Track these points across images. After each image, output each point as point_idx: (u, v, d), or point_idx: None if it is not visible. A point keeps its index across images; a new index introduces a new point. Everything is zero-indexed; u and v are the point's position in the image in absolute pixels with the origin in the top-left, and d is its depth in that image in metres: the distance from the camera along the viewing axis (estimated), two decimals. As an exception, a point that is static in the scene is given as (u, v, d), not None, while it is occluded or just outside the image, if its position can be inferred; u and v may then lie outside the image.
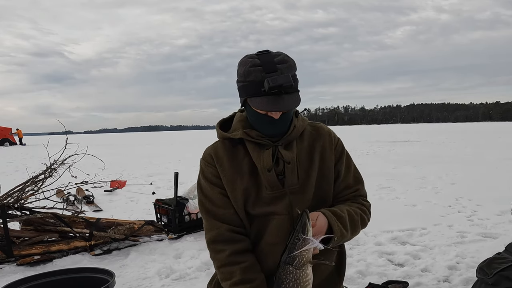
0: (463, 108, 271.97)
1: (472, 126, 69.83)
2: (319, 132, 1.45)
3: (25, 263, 3.49)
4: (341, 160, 1.44)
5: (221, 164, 1.38)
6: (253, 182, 1.36)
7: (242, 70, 1.26)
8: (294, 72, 1.28)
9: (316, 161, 1.39)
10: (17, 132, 34.55)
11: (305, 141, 1.42)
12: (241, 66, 1.28)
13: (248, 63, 1.25)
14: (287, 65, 1.25)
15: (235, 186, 1.36)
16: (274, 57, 1.25)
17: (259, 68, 1.23)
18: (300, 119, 1.42)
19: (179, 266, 3.38)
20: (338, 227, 1.28)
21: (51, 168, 3.98)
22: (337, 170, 1.44)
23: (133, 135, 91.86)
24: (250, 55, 1.29)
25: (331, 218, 1.28)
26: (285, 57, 1.27)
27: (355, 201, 1.44)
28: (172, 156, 16.32)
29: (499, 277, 1.66)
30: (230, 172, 1.37)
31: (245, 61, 1.28)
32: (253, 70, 1.23)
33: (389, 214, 5.04)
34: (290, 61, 1.26)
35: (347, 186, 1.44)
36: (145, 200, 6.54)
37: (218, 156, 1.39)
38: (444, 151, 15.02)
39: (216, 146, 1.43)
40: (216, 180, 1.39)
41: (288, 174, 1.34)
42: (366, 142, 23.38)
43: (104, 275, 2.16)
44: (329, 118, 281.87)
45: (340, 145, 1.46)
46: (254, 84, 1.24)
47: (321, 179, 1.39)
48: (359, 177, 1.49)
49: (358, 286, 2.93)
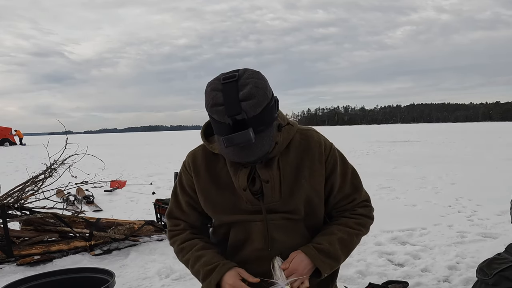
0: (463, 108, 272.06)
1: (472, 126, 69.81)
2: (308, 142, 1.33)
3: (25, 263, 3.49)
4: (334, 172, 1.35)
5: (197, 174, 1.35)
6: (230, 194, 1.32)
7: (206, 106, 1.15)
8: (264, 106, 1.12)
9: (304, 175, 1.31)
10: (17, 133, 34.58)
11: (291, 153, 1.31)
12: (206, 99, 1.15)
13: (211, 99, 1.12)
14: (253, 102, 1.08)
15: (209, 197, 1.34)
16: (239, 89, 1.09)
17: (221, 109, 1.09)
18: (285, 131, 1.28)
19: (179, 266, 3.38)
20: (322, 262, 1.25)
21: (51, 168, 3.98)
22: (331, 183, 1.35)
23: (133, 135, 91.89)
24: (214, 86, 1.13)
25: (313, 257, 1.24)
26: (251, 90, 1.09)
27: (353, 212, 1.39)
28: (172, 156, 16.32)
29: (499, 277, 1.66)
30: (205, 182, 1.34)
31: (209, 94, 1.14)
32: (215, 110, 1.11)
33: (389, 214, 5.04)
34: (257, 95, 1.09)
35: (344, 196, 1.38)
36: (145, 200, 6.54)
37: (196, 165, 1.36)
38: (444, 151, 15.02)
39: (196, 153, 1.38)
40: (188, 189, 1.39)
41: (267, 192, 1.28)
42: (366, 142, 23.39)
43: (104, 275, 2.16)
44: (329, 118, 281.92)
45: (332, 157, 1.34)
46: (217, 125, 1.14)
47: (311, 193, 1.32)
48: (357, 183, 1.40)
49: (358, 286, 2.93)
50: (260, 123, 1.12)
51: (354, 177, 1.40)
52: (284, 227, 1.32)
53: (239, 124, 1.09)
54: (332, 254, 1.27)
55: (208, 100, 1.13)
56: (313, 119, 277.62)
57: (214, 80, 1.16)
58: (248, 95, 1.09)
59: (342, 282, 2.98)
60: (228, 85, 1.11)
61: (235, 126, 1.10)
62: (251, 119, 1.09)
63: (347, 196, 1.38)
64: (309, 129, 1.38)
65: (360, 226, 1.36)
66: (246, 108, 1.08)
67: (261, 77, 1.14)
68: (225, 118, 1.10)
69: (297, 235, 1.34)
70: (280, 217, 1.31)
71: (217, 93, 1.11)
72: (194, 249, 1.35)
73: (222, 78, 1.13)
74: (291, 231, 1.33)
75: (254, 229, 1.32)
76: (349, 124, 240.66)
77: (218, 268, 1.26)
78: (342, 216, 1.38)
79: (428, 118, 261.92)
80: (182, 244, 1.38)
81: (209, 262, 1.29)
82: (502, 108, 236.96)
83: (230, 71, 1.17)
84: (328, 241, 1.29)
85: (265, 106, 1.12)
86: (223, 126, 1.12)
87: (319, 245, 1.28)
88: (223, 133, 1.12)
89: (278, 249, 1.31)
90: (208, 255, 1.31)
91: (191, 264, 1.34)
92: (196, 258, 1.32)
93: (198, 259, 1.32)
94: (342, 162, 1.38)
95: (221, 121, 1.11)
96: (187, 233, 1.41)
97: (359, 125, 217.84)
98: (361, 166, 10.47)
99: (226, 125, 1.11)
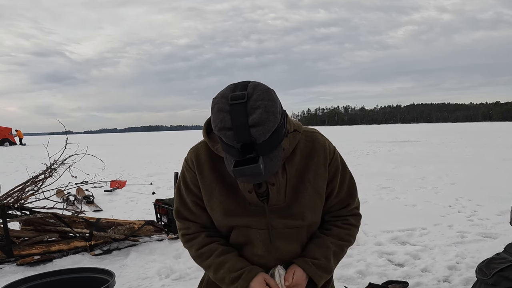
0: (463, 108, 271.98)
1: (472, 126, 69.82)
2: (313, 145, 1.33)
3: (25, 263, 3.49)
4: (335, 177, 1.36)
5: (201, 171, 1.33)
6: (233, 194, 1.31)
7: (213, 126, 1.11)
8: (274, 129, 1.09)
9: (308, 178, 1.32)
10: (17, 134, 34.58)
11: (297, 156, 1.31)
12: (213, 119, 1.11)
13: (218, 121, 1.08)
14: (262, 128, 1.05)
15: (213, 196, 1.32)
16: (249, 113, 1.05)
17: (229, 134, 1.07)
18: (291, 137, 1.28)
19: (179, 266, 3.38)
20: (320, 277, 1.30)
21: (51, 168, 3.98)
22: (331, 187, 1.36)
23: (133, 135, 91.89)
24: (221, 106, 1.08)
25: (312, 273, 1.29)
26: (262, 115, 1.05)
27: (344, 222, 1.41)
28: (172, 156, 16.32)
29: (498, 277, 1.66)
30: (209, 181, 1.32)
31: (216, 115, 1.09)
32: (223, 134, 1.08)
33: (389, 214, 5.05)
34: (268, 121, 1.06)
35: (339, 201, 1.40)
36: (145, 200, 6.55)
37: (199, 163, 1.33)
38: (444, 151, 15.02)
39: (199, 149, 1.35)
40: (193, 187, 1.36)
41: (273, 194, 1.28)
42: (366, 142, 23.39)
43: (104, 275, 2.16)
44: (329, 118, 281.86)
45: (335, 161, 1.35)
46: (225, 146, 1.11)
47: (314, 196, 1.33)
48: (353, 189, 1.42)
49: (358, 286, 2.93)
50: (269, 147, 1.10)
51: (351, 183, 1.42)
52: (286, 235, 1.33)
53: (248, 147, 1.07)
54: (328, 268, 1.33)
55: (216, 121, 1.09)
56: (313, 119, 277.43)
57: (221, 98, 1.10)
58: (258, 121, 1.05)
59: (342, 282, 2.99)
60: (236, 107, 1.06)
61: (243, 148, 1.08)
62: (260, 144, 1.07)
63: (342, 201, 1.41)
64: (314, 131, 1.38)
65: (350, 237, 1.41)
66: (255, 134, 1.05)
67: (271, 98, 1.10)
68: (233, 142, 1.07)
69: (297, 243, 1.35)
70: (284, 225, 1.32)
71: (225, 116, 1.07)
72: (215, 254, 1.33)
73: (230, 97, 1.08)
74: (293, 240, 1.34)
75: (256, 236, 1.32)
76: (349, 124, 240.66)
77: (244, 275, 1.27)
78: (334, 226, 1.41)
79: (428, 118, 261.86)
80: (200, 250, 1.36)
81: (234, 269, 1.29)
82: (502, 108, 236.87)
83: (238, 87, 1.11)
84: (324, 256, 1.33)
85: (274, 130, 1.09)
86: (231, 148, 1.10)
87: (317, 261, 1.31)
88: (231, 154, 1.11)
89: (277, 256, 1.33)
90: (231, 261, 1.31)
91: (214, 271, 1.32)
92: (218, 265, 1.31)
93: (221, 266, 1.31)
94: (343, 168, 1.39)
95: (229, 144, 1.09)
96: (203, 237, 1.38)
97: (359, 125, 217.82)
98: (361, 166, 10.47)
99: (234, 149, 1.09)
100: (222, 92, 1.12)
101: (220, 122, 1.07)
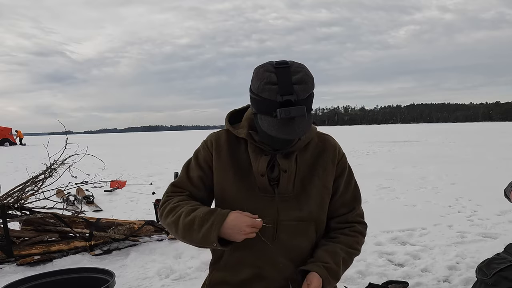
0: (463, 108, 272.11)
1: (472, 126, 69.80)
2: (325, 144, 1.42)
3: (25, 263, 3.49)
4: (341, 176, 1.42)
5: (218, 152, 1.37)
6: (246, 178, 1.35)
7: (257, 85, 1.20)
8: (311, 92, 1.21)
9: (317, 174, 1.37)
10: (17, 134, 34.59)
11: (308, 152, 1.39)
12: (256, 80, 1.21)
13: (264, 78, 1.18)
14: (304, 86, 1.17)
15: (227, 177, 1.35)
16: (292, 74, 1.18)
17: (274, 88, 1.16)
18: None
19: (179, 266, 3.38)
20: (329, 283, 1.30)
21: (51, 168, 3.98)
22: (336, 185, 1.42)
23: (133, 135, 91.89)
24: (267, 68, 1.20)
25: (325, 278, 1.28)
26: (304, 76, 1.18)
27: (352, 229, 1.43)
28: (172, 156, 16.31)
29: (498, 277, 1.67)
30: (226, 162, 1.36)
31: (261, 74, 1.20)
32: (268, 88, 1.17)
33: (389, 214, 5.05)
34: (308, 82, 1.19)
35: (343, 204, 1.42)
36: (145, 200, 6.54)
37: (219, 144, 1.39)
38: (444, 151, 15.02)
39: (220, 134, 1.41)
40: (204, 164, 1.39)
41: (283, 181, 1.32)
42: (366, 142, 23.39)
43: (104, 275, 2.16)
44: (329, 118, 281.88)
45: (343, 161, 1.43)
46: (266, 104, 1.19)
47: (323, 190, 1.38)
48: (357, 195, 1.46)
49: (358, 286, 2.93)
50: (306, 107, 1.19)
51: (356, 189, 1.47)
52: (294, 228, 1.33)
53: (288, 104, 1.16)
54: (337, 275, 1.34)
55: (261, 78, 1.19)
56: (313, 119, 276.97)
57: (266, 64, 1.23)
58: (300, 80, 1.18)
59: (342, 282, 2.98)
60: (281, 69, 1.19)
61: (284, 105, 1.16)
62: (299, 101, 1.17)
63: (346, 204, 1.43)
64: (327, 134, 1.47)
65: (358, 245, 1.44)
66: (298, 91, 1.16)
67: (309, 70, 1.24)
68: (276, 96, 1.16)
69: (305, 238, 1.36)
70: (290, 217, 1.33)
71: (271, 74, 1.18)
72: (189, 205, 1.31)
73: (275, 63, 1.21)
74: (299, 234, 1.35)
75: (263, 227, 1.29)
76: (349, 124, 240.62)
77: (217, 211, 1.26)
78: (342, 234, 1.42)
79: (428, 118, 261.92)
80: (175, 204, 1.34)
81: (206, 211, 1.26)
82: (502, 108, 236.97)
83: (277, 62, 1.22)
84: (335, 261, 1.34)
85: (311, 93, 1.21)
86: (272, 104, 1.17)
87: (328, 265, 1.31)
88: (271, 109, 1.18)
89: (283, 250, 1.33)
90: (204, 208, 1.29)
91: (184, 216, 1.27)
92: (189, 211, 1.28)
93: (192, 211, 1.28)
94: (349, 172, 1.46)
95: (271, 99, 1.17)
96: (185, 195, 1.38)
97: (359, 125, 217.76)
98: (361, 166, 10.47)
99: (276, 103, 1.16)
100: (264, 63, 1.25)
101: (266, 78, 1.18)
